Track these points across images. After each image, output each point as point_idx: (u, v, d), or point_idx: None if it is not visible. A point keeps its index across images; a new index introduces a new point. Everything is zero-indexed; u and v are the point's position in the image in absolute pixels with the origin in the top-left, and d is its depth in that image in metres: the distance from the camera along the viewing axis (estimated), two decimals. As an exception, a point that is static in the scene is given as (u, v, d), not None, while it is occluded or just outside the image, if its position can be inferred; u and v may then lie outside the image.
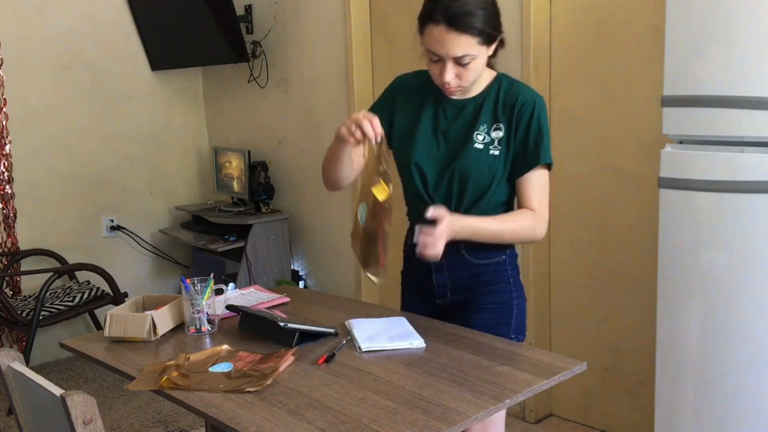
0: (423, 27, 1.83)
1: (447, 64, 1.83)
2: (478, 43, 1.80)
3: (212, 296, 2.02)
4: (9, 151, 4.06)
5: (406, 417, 1.49)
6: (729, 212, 2.13)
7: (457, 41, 1.78)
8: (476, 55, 1.82)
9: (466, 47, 1.79)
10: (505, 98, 1.93)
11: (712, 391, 2.24)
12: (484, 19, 1.79)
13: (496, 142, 1.92)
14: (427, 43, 1.83)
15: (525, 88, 1.95)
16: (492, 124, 1.92)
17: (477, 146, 1.91)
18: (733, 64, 2.07)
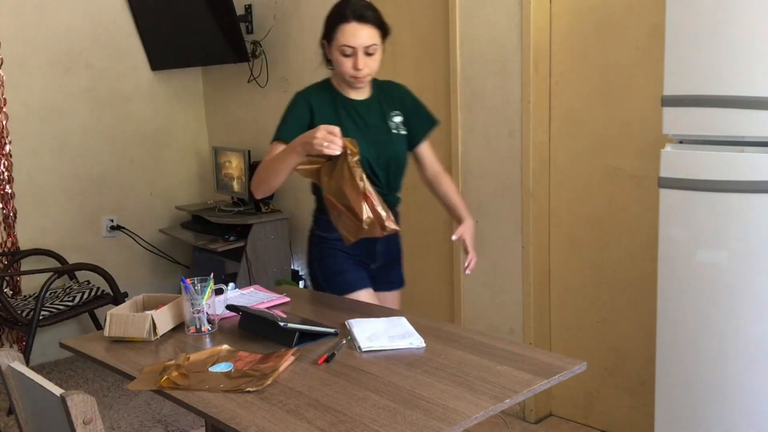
0: (335, 28, 2.26)
1: (359, 54, 2.25)
2: (379, 36, 2.29)
3: (212, 296, 2.02)
4: (9, 151, 4.06)
5: (406, 417, 1.49)
6: (729, 212, 2.13)
7: (366, 32, 2.25)
8: (378, 46, 2.28)
9: (373, 37, 2.26)
10: (386, 95, 2.44)
11: (712, 391, 2.24)
12: (379, 16, 2.30)
13: (401, 125, 2.43)
14: (342, 40, 2.25)
15: (390, 82, 2.49)
16: (390, 112, 2.41)
17: (394, 131, 2.40)
18: (733, 64, 2.07)
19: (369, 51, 2.27)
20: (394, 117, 2.43)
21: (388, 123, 2.41)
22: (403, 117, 2.44)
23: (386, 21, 2.34)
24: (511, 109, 3.16)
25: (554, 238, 3.22)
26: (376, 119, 2.41)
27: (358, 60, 2.26)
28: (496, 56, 3.17)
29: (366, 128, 2.38)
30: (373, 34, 2.27)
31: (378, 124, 2.40)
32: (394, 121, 2.42)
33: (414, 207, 3.51)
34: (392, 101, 2.44)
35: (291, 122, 2.44)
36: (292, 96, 2.46)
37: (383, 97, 2.44)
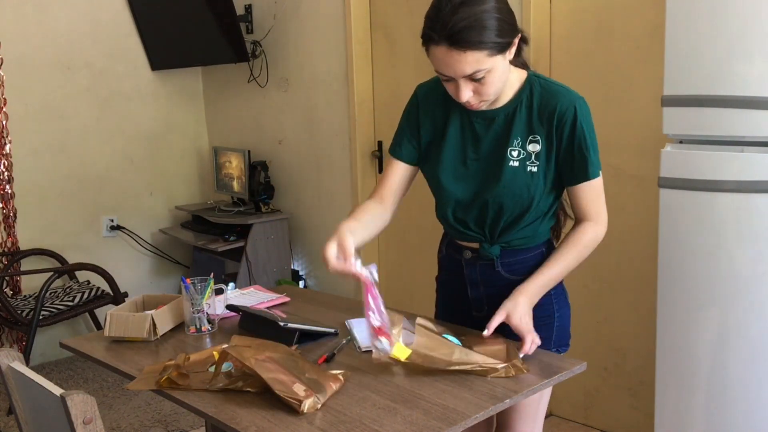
0: (426, 48, 1.68)
1: (459, 83, 1.66)
2: (488, 56, 1.61)
3: (212, 296, 2.02)
4: (9, 151, 4.06)
5: (406, 417, 1.49)
6: (729, 212, 2.13)
7: (464, 59, 1.60)
8: (490, 68, 1.63)
9: (475, 63, 1.61)
10: (540, 105, 1.74)
11: (712, 391, 2.24)
12: (491, 28, 1.59)
13: (533, 157, 1.75)
14: (435, 65, 1.68)
15: (562, 90, 1.76)
16: (527, 136, 1.75)
17: (512, 164, 1.75)
18: (733, 64, 2.07)
19: (475, 77, 1.64)
20: (528, 144, 1.75)
21: (508, 151, 1.76)
22: (546, 148, 1.76)
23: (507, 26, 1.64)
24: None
25: (554, 238, 3.21)
26: (491, 140, 1.78)
27: (460, 90, 1.67)
28: (496, 56, 3.17)
29: (470, 150, 1.80)
30: (476, 58, 1.60)
31: (489, 147, 1.78)
32: (523, 150, 1.76)
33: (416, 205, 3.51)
34: (542, 122, 1.75)
35: (400, 131, 1.91)
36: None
37: (532, 111, 1.76)
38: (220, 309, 2.09)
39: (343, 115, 3.92)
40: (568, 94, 1.76)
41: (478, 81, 1.66)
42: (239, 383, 1.63)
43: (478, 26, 1.59)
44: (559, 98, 1.74)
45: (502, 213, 1.79)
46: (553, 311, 1.90)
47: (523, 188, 1.76)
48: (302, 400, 1.50)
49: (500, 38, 1.62)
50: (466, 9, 1.59)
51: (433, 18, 1.65)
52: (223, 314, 2.10)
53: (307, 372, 1.61)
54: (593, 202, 1.82)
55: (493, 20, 1.60)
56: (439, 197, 1.88)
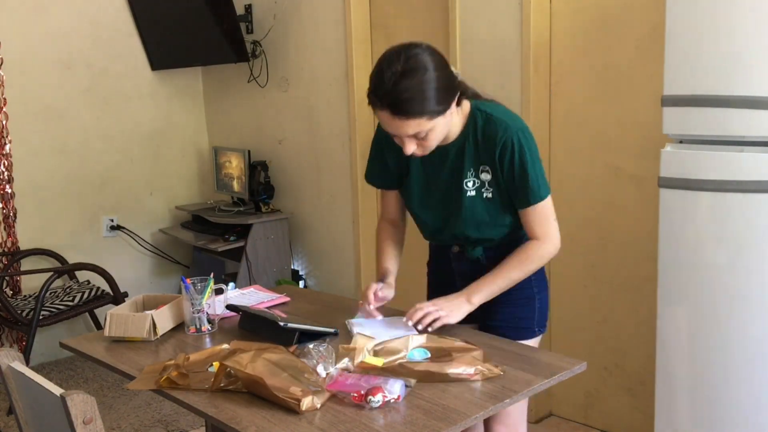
0: (371, 105, 1.77)
1: (404, 140, 1.79)
2: (428, 120, 1.74)
3: (212, 296, 2.02)
4: (9, 151, 4.06)
5: (406, 417, 1.49)
6: (729, 212, 2.13)
7: (406, 125, 1.73)
8: (432, 127, 1.76)
9: (417, 127, 1.74)
10: (483, 138, 1.87)
11: (711, 391, 2.24)
12: (431, 98, 1.71)
13: (486, 184, 1.91)
14: (380, 121, 1.81)
15: (500, 122, 1.87)
16: (478, 166, 1.89)
17: (470, 194, 1.91)
18: (733, 64, 2.07)
19: (418, 136, 1.78)
20: (480, 174, 1.90)
21: (463, 183, 1.91)
22: (493, 176, 1.89)
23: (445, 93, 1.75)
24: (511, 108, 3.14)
25: (554, 238, 3.21)
26: (448, 172, 1.92)
27: (405, 145, 1.80)
28: (496, 56, 3.17)
29: (431, 181, 1.96)
30: (418, 123, 1.73)
31: (447, 178, 1.93)
32: (477, 179, 1.91)
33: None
34: (486, 153, 1.87)
35: (371, 163, 2.08)
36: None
37: (477, 144, 1.88)
38: (220, 309, 2.09)
39: (343, 115, 3.92)
40: (507, 127, 1.86)
41: (422, 138, 1.79)
42: (239, 383, 1.63)
43: (419, 98, 1.70)
44: (498, 131, 1.85)
45: (467, 233, 1.98)
46: (534, 293, 2.05)
47: (484, 214, 1.93)
48: (300, 399, 1.50)
49: (439, 106, 1.74)
50: (407, 81, 1.69)
51: (377, 85, 1.73)
52: (223, 314, 2.10)
53: (306, 372, 1.61)
54: (538, 225, 1.93)
55: (432, 91, 1.71)
56: (416, 222, 2.10)
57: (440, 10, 3.39)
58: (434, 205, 1.99)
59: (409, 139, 1.78)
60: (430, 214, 2.01)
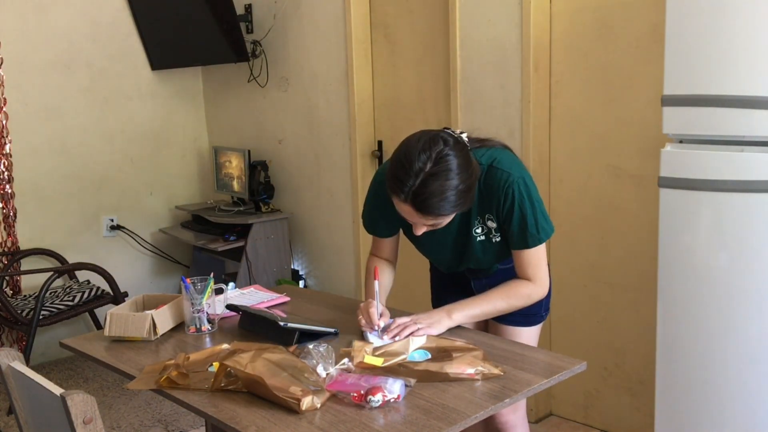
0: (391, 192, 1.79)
1: (417, 225, 1.85)
2: (447, 216, 1.81)
3: (212, 296, 2.02)
4: (9, 151, 4.06)
5: (406, 416, 1.49)
6: (729, 212, 2.13)
7: (425, 219, 1.80)
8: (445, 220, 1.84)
9: (435, 220, 1.81)
10: (486, 189, 1.91)
11: (712, 391, 2.24)
12: (454, 202, 1.76)
13: (493, 231, 1.96)
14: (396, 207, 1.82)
15: (501, 174, 1.89)
16: (484, 215, 1.94)
17: (480, 239, 1.97)
18: (733, 63, 2.07)
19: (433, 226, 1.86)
20: (487, 221, 1.96)
21: (473, 231, 1.97)
22: (497, 224, 1.95)
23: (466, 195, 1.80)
24: (511, 109, 3.16)
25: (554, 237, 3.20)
26: (456, 223, 1.96)
27: (417, 229, 1.87)
28: (496, 56, 3.17)
29: (444, 235, 1.99)
30: (439, 219, 1.81)
31: (456, 229, 1.98)
32: (484, 226, 1.96)
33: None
34: (490, 202, 1.92)
35: (373, 215, 2.09)
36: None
37: (481, 194, 1.92)
38: (220, 309, 2.09)
39: (343, 115, 3.92)
40: (507, 175, 1.89)
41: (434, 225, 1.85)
42: (239, 383, 1.63)
43: (444, 201, 1.75)
44: (499, 180, 1.89)
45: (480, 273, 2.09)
46: None
47: (493, 255, 2.01)
48: (300, 399, 1.50)
49: (458, 208, 1.81)
50: (435, 184, 1.72)
51: (401, 178, 1.74)
52: (223, 314, 2.10)
53: (306, 372, 1.61)
54: (530, 267, 1.96)
55: (456, 195, 1.75)
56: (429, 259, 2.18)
57: (440, 10, 3.39)
58: (446, 249, 2.04)
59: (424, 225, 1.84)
60: (443, 257, 2.07)
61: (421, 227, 1.85)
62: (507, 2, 3.10)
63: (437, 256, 2.10)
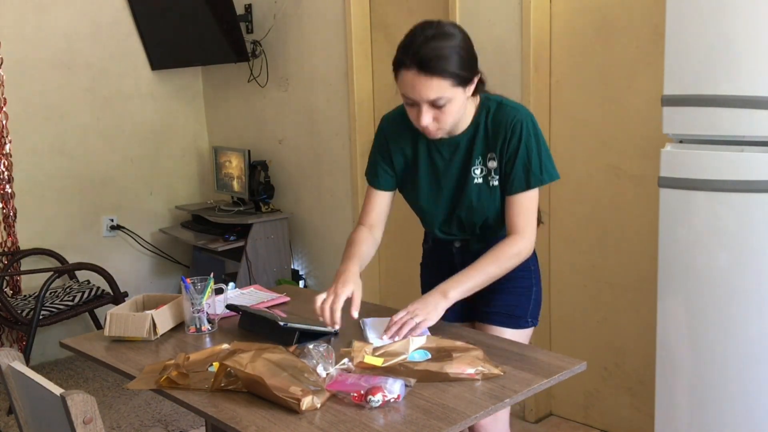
0: (396, 73, 1.83)
1: (422, 108, 1.82)
2: (451, 86, 1.79)
3: (212, 296, 2.02)
4: (9, 151, 4.06)
5: (406, 416, 1.49)
6: (729, 212, 2.13)
7: (429, 84, 1.77)
8: (451, 97, 1.80)
9: (439, 90, 1.78)
10: (494, 123, 1.91)
11: (711, 391, 2.24)
12: (456, 62, 1.78)
13: (492, 172, 1.93)
14: (402, 89, 1.83)
15: (510, 110, 1.92)
16: (486, 153, 1.92)
17: (477, 181, 1.94)
18: (733, 63, 2.07)
19: (437, 104, 1.81)
20: (488, 161, 1.92)
21: (471, 170, 1.94)
22: (498, 164, 1.92)
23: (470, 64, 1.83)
24: (511, 108, 3.15)
25: (554, 238, 3.22)
26: (457, 163, 1.95)
27: (422, 114, 1.83)
28: (496, 56, 3.17)
29: (440, 174, 1.98)
30: (441, 85, 1.78)
31: (456, 169, 1.96)
32: (484, 167, 1.93)
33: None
34: (495, 139, 1.91)
35: (375, 163, 2.07)
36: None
37: (487, 131, 1.93)
38: (220, 309, 2.09)
39: (343, 115, 3.92)
40: (516, 111, 1.92)
41: (439, 108, 1.82)
42: (239, 383, 1.63)
43: (445, 58, 1.78)
44: (507, 116, 1.91)
45: (477, 223, 2.00)
46: (532, 283, 2.07)
47: (489, 201, 1.95)
48: (300, 398, 1.50)
49: (462, 72, 1.80)
50: (437, 42, 1.79)
51: (406, 46, 1.81)
52: (223, 314, 2.10)
53: (306, 372, 1.61)
54: (521, 215, 1.92)
55: (457, 56, 1.79)
56: (423, 218, 2.11)
57: (440, 10, 3.39)
58: (442, 197, 2.00)
59: (428, 108, 1.81)
60: (438, 207, 2.01)
61: (426, 113, 1.81)
62: (507, 2, 3.10)
63: (432, 206, 2.01)
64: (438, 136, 1.91)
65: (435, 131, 1.88)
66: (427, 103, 1.81)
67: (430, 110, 1.82)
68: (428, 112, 1.82)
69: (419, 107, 1.82)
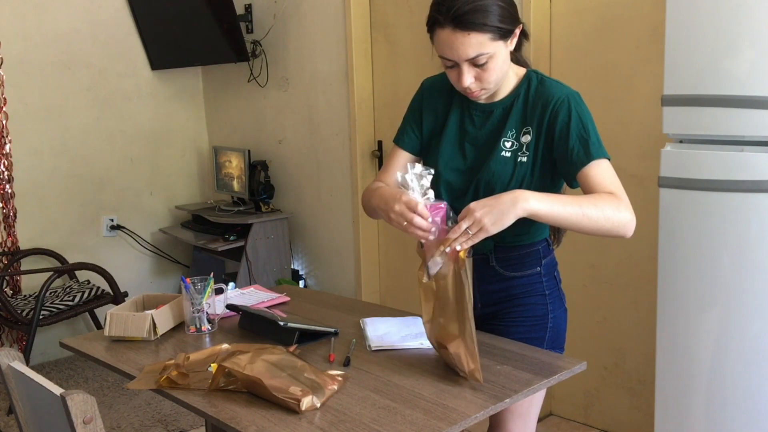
0: (432, 34, 1.70)
1: (462, 68, 1.68)
2: (491, 40, 1.64)
3: (212, 295, 2.02)
4: (9, 151, 4.06)
5: (406, 416, 1.49)
6: (729, 212, 2.13)
7: (467, 41, 1.63)
8: (492, 53, 1.66)
9: (478, 47, 1.64)
10: (535, 99, 1.77)
11: (712, 391, 2.24)
12: (494, 13, 1.63)
13: (524, 148, 1.77)
14: (439, 50, 1.70)
15: (558, 85, 1.79)
16: (521, 128, 1.78)
17: (504, 154, 1.77)
18: (733, 64, 2.07)
19: (477, 62, 1.67)
20: (521, 136, 1.78)
21: (501, 142, 1.78)
22: (534, 140, 1.77)
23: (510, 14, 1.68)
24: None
25: (554, 237, 3.21)
26: (488, 131, 1.82)
27: (462, 75, 1.69)
28: (496, 56, 3.17)
29: (467, 140, 1.84)
30: (480, 41, 1.64)
31: (485, 138, 1.82)
32: (516, 141, 1.78)
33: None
34: (534, 112, 1.77)
35: (405, 122, 1.94)
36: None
37: (526, 104, 1.79)
38: (220, 309, 2.09)
39: (343, 115, 3.92)
40: (563, 87, 1.79)
41: (480, 67, 1.68)
42: (238, 383, 1.63)
43: (482, 10, 1.63)
44: (554, 91, 1.77)
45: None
46: (547, 311, 1.93)
47: (511, 176, 1.77)
48: (300, 399, 1.50)
49: (502, 24, 1.66)
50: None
51: (440, 2, 1.67)
52: (223, 314, 2.10)
53: (305, 372, 1.61)
54: (605, 182, 1.69)
55: (495, 6, 1.65)
56: (436, 185, 1.83)
57: (440, 10, 3.39)
58: (463, 166, 1.83)
59: (468, 67, 1.68)
60: (455, 175, 1.83)
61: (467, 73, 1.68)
62: (507, 2, 3.10)
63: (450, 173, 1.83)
64: (483, 96, 1.77)
65: (479, 92, 1.74)
66: (467, 62, 1.67)
67: (471, 69, 1.69)
68: (469, 71, 1.69)
69: (459, 68, 1.69)
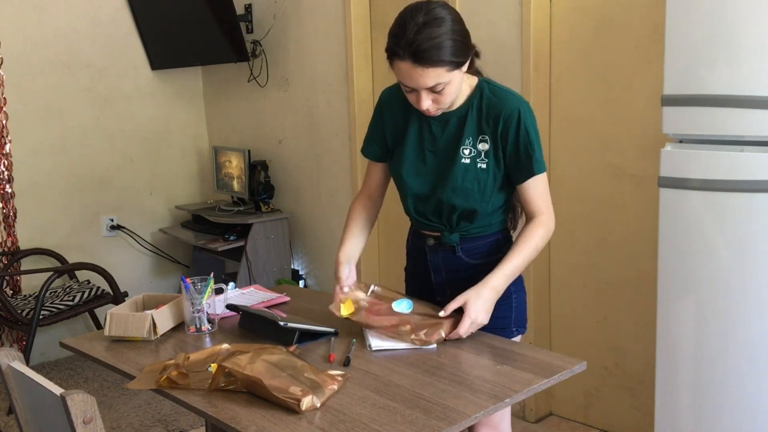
0: (390, 61, 1.84)
1: (421, 94, 1.83)
2: (447, 71, 1.79)
3: (212, 295, 2.02)
4: (9, 151, 4.06)
5: (405, 416, 1.49)
6: (729, 212, 2.13)
7: (426, 74, 1.78)
8: (448, 81, 1.81)
9: (436, 77, 1.78)
10: (488, 108, 1.91)
11: (711, 391, 2.24)
12: (450, 48, 1.76)
13: (482, 155, 1.92)
14: (398, 77, 1.84)
15: (508, 96, 1.92)
16: (477, 135, 1.92)
17: (464, 161, 1.93)
18: (733, 63, 2.07)
19: (435, 89, 1.82)
20: (478, 143, 1.92)
21: (460, 149, 1.93)
22: (492, 148, 1.92)
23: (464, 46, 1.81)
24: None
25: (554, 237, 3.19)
26: (446, 140, 1.96)
27: (421, 99, 1.84)
28: (496, 56, 3.17)
29: (427, 149, 1.98)
30: (437, 73, 1.78)
31: (444, 146, 1.96)
32: (474, 149, 1.93)
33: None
34: (488, 122, 1.92)
35: (370, 134, 2.11)
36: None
37: (480, 113, 1.93)
38: (220, 308, 2.09)
39: (343, 115, 3.92)
40: (513, 98, 1.92)
41: (438, 92, 1.83)
42: (238, 383, 1.63)
43: (438, 47, 1.76)
44: (504, 103, 1.91)
45: (456, 204, 1.95)
46: (511, 292, 2.03)
47: (474, 182, 1.93)
48: (300, 399, 1.50)
49: (456, 58, 1.79)
50: (428, 30, 1.76)
51: (398, 36, 1.80)
52: (223, 314, 2.10)
53: (305, 372, 1.61)
54: (539, 197, 1.96)
55: (450, 41, 1.77)
56: (402, 191, 2.06)
57: (440, 9, 3.39)
58: (424, 172, 1.99)
59: (426, 93, 1.82)
60: (418, 181, 1.99)
61: (425, 98, 1.83)
62: (507, 2, 3.10)
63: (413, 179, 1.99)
64: (438, 113, 1.92)
65: (435, 111, 1.89)
66: (425, 90, 1.82)
67: (429, 94, 1.83)
68: (427, 96, 1.83)
69: (418, 93, 1.83)
